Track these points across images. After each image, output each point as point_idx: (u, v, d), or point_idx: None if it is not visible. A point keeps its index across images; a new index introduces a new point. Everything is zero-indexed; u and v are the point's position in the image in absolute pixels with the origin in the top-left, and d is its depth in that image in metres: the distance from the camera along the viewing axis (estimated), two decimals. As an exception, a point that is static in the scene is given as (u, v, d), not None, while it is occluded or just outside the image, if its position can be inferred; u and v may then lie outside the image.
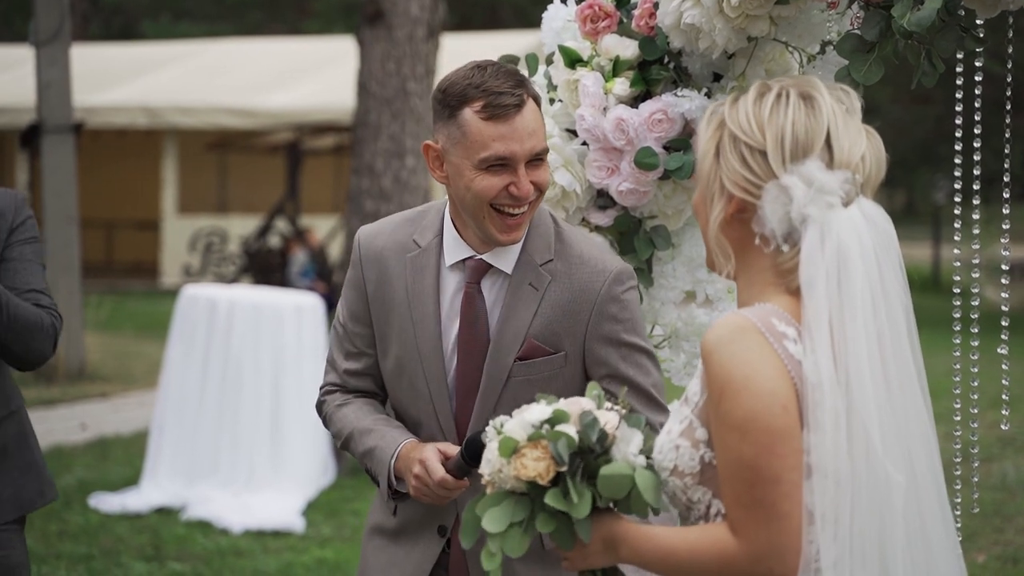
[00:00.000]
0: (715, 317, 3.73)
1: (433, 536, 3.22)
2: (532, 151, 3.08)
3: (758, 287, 2.46)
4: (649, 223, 3.67)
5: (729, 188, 2.44)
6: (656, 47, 3.54)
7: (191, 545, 7.81)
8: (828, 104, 2.42)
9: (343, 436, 3.27)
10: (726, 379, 2.34)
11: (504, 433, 2.49)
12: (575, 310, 3.14)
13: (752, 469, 2.32)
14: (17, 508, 3.73)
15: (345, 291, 3.31)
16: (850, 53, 3.30)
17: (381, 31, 9.93)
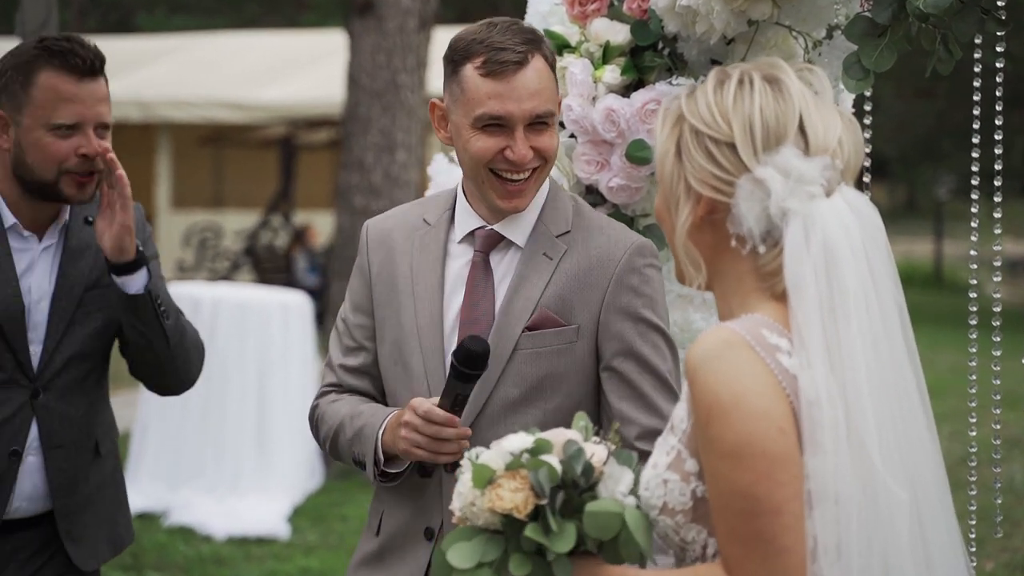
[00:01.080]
0: (712, 322, 3.51)
1: (420, 543, 2.97)
2: (532, 113, 2.90)
3: (739, 296, 2.22)
4: (642, 222, 3.47)
5: (696, 188, 2.20)
6: (649, 32, 3.35)
7: (171, 553, 7.65)
8: (796, 85, 2.20)
9: (332, 432, 3.04)
10: (713, 400, 2.08)
11: (479, 462, 2.23)
12: (592, 280, 2.94)
13: (748, 499, 2.07)
14: (113, 549, 3.57)
15: (349, 285, 3.14)
16: (860, 37, 3.10)
17: (371, 22, 9.72)
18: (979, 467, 3.54)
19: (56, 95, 3.30)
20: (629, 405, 2.91)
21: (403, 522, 3.00)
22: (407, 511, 2.99)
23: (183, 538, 7.90)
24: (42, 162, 3.31)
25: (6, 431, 3.36)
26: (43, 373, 3.39)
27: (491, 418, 2.91)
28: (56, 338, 3.39)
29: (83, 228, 3.46)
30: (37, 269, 3.40)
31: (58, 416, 3.41)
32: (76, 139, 3.33)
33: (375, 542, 3.05)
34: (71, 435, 3.44)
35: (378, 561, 3.03)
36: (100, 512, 3.52)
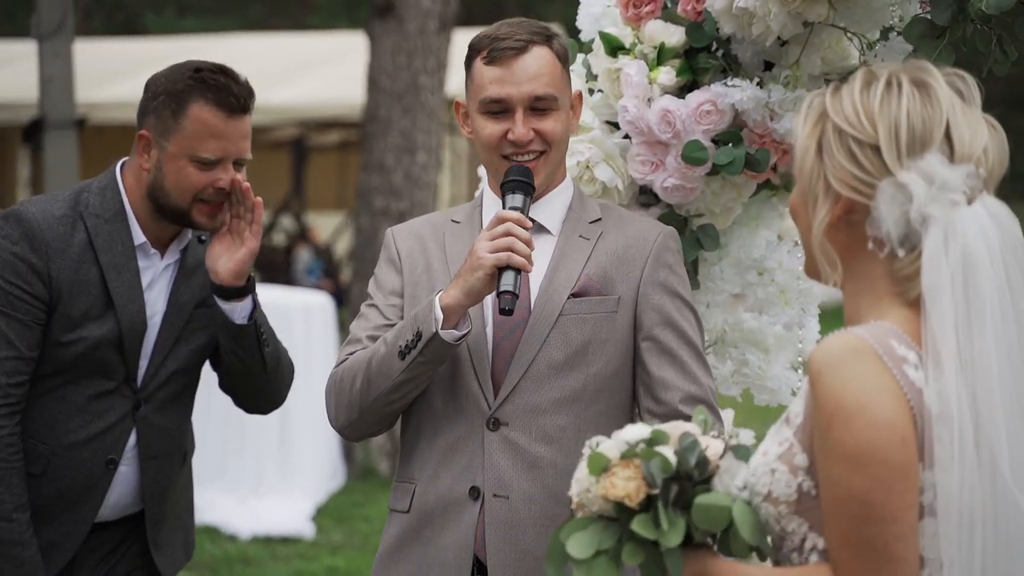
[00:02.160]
0: (765, 322, 3.52)
1: (466, 505, 3.00)
2: (530, 95, 3.03)
3: (870, 297, 2.21)
4: (696, 222, 3.46)
5: (836, 187, 2.18)
6: (704, 33, 3.33)
7: (198, 552, 7.59)
8: (945, 91, 2.17)
9: (364, 363, 3.01)
10: (836, 405, 2.08)
11: (596, 451, 2.26)
12: (631, 256, 3.07)
13: (864, 505, 2.07)
14: (186, 555, 3.62)
15: (376, 280, 3.18)
16: (918, 39, 3.10)
17: (392, 24, 9.70)
18: None
19: (206, 129, 3.33)
20: (672, 372, 3.01)
21: (442, 490, 3.01)
22: (446, 478, 3.01)
23: (209, 537, 7.90)
24: (180, 190, 3.34)
25: (106, 439, 3.40)
26: (147, 386, 3.43)
27: (536, 378, 2.99)
28: (163, 353, 3.42)
29: (197, 247, 3.51)
30: (156, 286, 3.44)
31: (156, 428, 3.46)
32: (216, 172, 3.35)
33: (406, 520, 3.05)
34: (165, 446, 3.49)
35: (416, 538, 3.03)
36: (179, 519, 3.58)
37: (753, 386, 3.52)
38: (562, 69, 3.09)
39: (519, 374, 2.99)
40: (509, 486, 2.98)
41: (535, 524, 2.94)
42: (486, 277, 2.90)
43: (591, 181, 3.38)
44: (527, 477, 2.97)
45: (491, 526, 2.97)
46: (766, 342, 3.51)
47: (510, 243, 2.90)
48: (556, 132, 3.06)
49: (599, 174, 3.37)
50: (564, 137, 3.10)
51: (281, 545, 7.86)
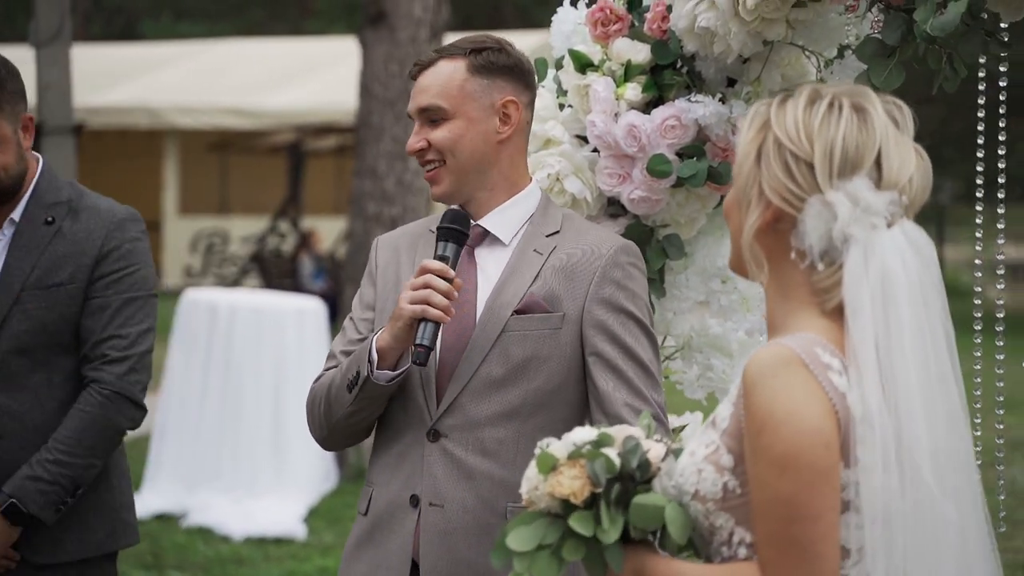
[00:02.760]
0: (729, 328, 3.65)
1: (407, 511, 3.13)
2: (417, 106, 3.19)
3: (791, 303, 2.34)
4: (661, 232, 3.58)
5: (768, 195, 2.31)
6: (669, 51, 3.45)
7: (191, 553, 7.76)
8: (881, 118, 2.30)
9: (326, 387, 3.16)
10: (767, 414, 2.22)
11: (546, 451, 2.40)
12: (579, 272, 3.13)
13: (790, 506, 2.20)
14: (80, 550, 3.61)
15: (359, 291, 3.31)
16: (870, 58, 3.21)
17: (383, 32, 9.85)
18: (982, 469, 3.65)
19: None
20: (615, 386, 3.09)
21: (391, 496, 3.14)
22: (395, 485, 3.13)
23: (202, 538, 8.02)
24: None
25: None
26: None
27: (474, 393, 3.09)
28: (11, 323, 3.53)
29: (39, 228, 3.59)
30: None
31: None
32: None
33: (364, 523, 3.18)
34: (14, 428, 3.54)
35: (368, 540, 3.17)
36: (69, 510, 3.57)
37: (718, 390, 3.63)
38: (468, 78, 3.15)
39: (458, 388, 3.09)
40: (444, 496, 3.09)
41: (468, 533, 3.04)
42: (406, 327, 3.02)
43: (561, 193, 3.49)
44: (462, 487, 3.07)
45: (426, 533, 3.09)
46: (730, 347, 3.63)
47: (426, 296, 2.99)
48: (446, 141, 3.13)
49: (568, 186, 3.49)
50: (466, 146, 3.15)
51: (274, 546, 7.97)
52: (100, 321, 3.55)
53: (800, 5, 3.25)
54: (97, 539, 3.64)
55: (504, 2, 31.88)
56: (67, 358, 3.59)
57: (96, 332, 3.55)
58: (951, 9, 3.02)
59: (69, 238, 3.57)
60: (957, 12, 3.00)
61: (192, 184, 24.25)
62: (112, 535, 3.67)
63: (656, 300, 3.60)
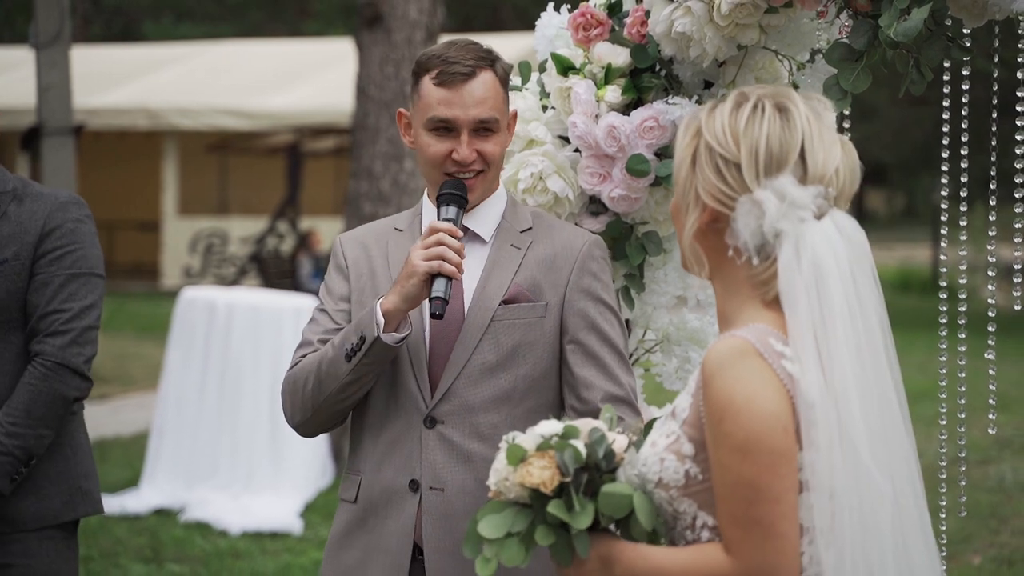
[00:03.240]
0: (706, 322, 3.77)
1: (406, 496, 3.24)
2: (476, 118, 3.25)
3: (737, 298, 2.47)
4: (640, 229, 3.69)
5: (704, 198, 2.44)
6: (647, 55, 3.56)
7: (189, 547, 7.85)
8: (803, 116, 2.42)
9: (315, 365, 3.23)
10: (727, 402, 2.34)
11: (514, 443, 2.52)
12: (558, 264, 3.29)
13: (752, 488, 2.32)
14: (37, 519, 3.70)
15: (325, 285, 3.41)
16: (838, 62, 3.33)
17: (380, 34, 9.93)
18: (969, 467, 3.73)
19: None
20: (593, 373, 3.24)
21: (384, 482, 3.25)
22: (387, 471, 3.24)
23: (200, 533, 8.10)
24: None
25: None
26: None
27: (469, 379, 3.22)
28: None
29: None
30: None
31: None
32: None
33: (353, 511, 3.28)
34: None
35: (360, 526, 3.26)
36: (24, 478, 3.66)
37: None
38: (503, 91, 3.31)
39: (453, 375, 3.22)
40: (444, 480, 3.21)
41: (468, 514, 3.14)
42: (420, 283, 3.13)
43: (544, 191, 3.61)
44: (461, 471, 3.21)
45: (428, 516, 3.21)
46: (707, 340, 3.75)
47: (441, 252, 3.12)
48: (496, 153, 3.29)
49: (551, 185, 3.60)
50: (502, 156, 3.34)
51: (270, 540, 8.06)
52: (43, 296, 3.65)
53: (772, 11, 3.36)
54: (54, 508, 3.71)
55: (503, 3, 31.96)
56: (17, 334, 3.69)
57: (40, 307, 3.65)
58: (914, 15, 3.13)
59: (14, 220, 3.69)
60: (920, 18, 3.12)
61: (191, 185, 24.32)
62: (69, 503, 3.74)
63: (636, 295, 3.72)
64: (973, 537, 8.18)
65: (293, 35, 30.62)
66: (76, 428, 3.80)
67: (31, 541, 3.69)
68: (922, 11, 3.12)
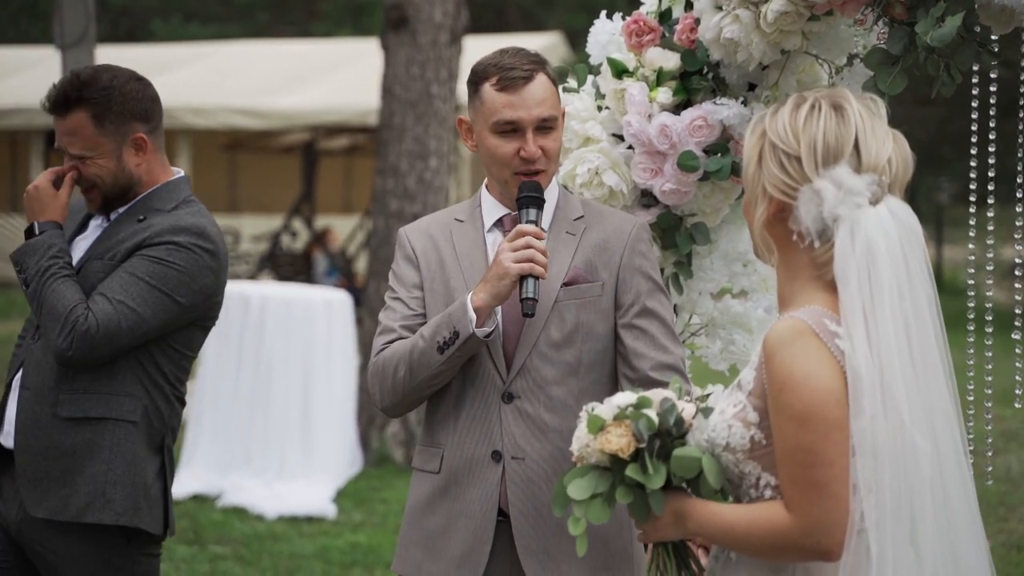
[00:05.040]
0: (749, 307, 4.00)
1: (488, 465, 3.47)
2: (539, 117, 3.46)
3: (800, 281, 2.72)
4: (689, 220, 3.88)
5: (769, 191, 2.70)
6: (697, 59, 3.76)
7: (229, 530, 8.02)
8: (856, 113, 2.67)
9: (406, 353, 3.43)
10: (787, 376, 2.60)
11: (593, 414, 2.78)
12: (610, 246, 3.52)
13: (809, 453, 2.58)
14: (47, 511, 3.74)
15: (396, 276, 3.61)
16: (876, 65, 3.54)
17: (405, 36, 10.10)
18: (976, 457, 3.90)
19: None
20: (643, 344, 3.50)
21: (466, 454, 3.49)
22: (468, 444, 3.49)
23: (238, 517, 8.28)
24: None
25: (13, 363, 3.90)
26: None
27: (540, 355, 3.48)
28: None
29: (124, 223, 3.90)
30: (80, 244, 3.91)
31: (34, 361, 3.82)
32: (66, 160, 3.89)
33: (436, 480, 3.53)
34: (38, 382, 3.79)
35: (444, 494, 3.51)
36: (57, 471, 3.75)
37: (739, 362, 3.98)
38: (556, 91, 3.54)
39: (526, 353, 3.46)
40: (524, 450, 3.46)
41: (548, 480, 3.43)
42: (511, 284, 3.37)
43: (600, 185, 3.81)
44: (538, 441, 3.46)
45: (513, 484, 3.46)
46: (750, 324, 3.98)
47: (531, 255, 3.36)
48: (556, 148, 3.53)
49: (607, 180, 3.81)
50: (559, 151, 3.58)
51: (306, 524, 8.22)
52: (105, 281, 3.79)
53: (814, 18, 3.58)
54: (76, 505, 3.74)
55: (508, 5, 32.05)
56: None
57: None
58: (948, 23, 3.37)
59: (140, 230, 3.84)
60: (953, 25, 3.36)
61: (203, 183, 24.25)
62: (91, 505, 3.75)
63: (684, 281, 3.94)
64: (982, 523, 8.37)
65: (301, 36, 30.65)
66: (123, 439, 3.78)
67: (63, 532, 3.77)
68: (955, 19, 3.36)
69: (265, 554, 7.56)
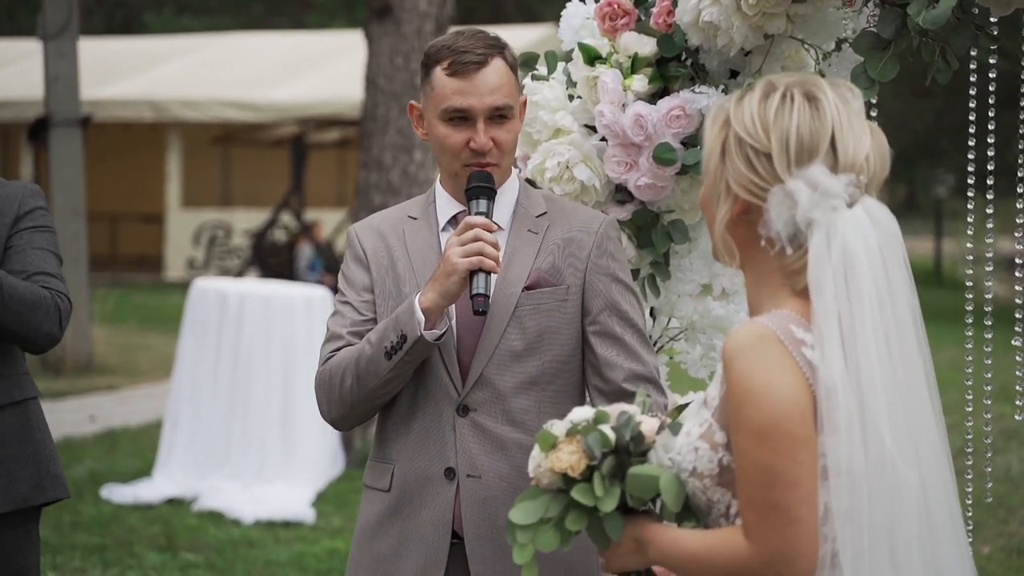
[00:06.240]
0: (731, 310, 3.79)
1: (442, 484, 3.26)
2: (491, 106, 3.24)
3: (768, 288, 2.47)
4: (666, 217, 3.71)
5: (735, 189, 2.44)
6: (674, 44, 3.58)
7: (203, 535, 7.88)
8: (832, 104, 2.41)
9: (353, 361, 3.23)
10: (746, 387, 2.35)
11: (546, 431, 2.55)
12: (576, 246, 3.30)
13: (769, 472, 2.33)
14: (6, 501, 3.69)
15: (345, 276, 3.40)
16: (866, 50, 3.35)
17: (389, 26, 9.94)
18: (976, 457, 3.68)
19: None
20: (615, 353, 3.27)
21: (419, 471, 3.26)
22: (421, 460, 3.26)
23: (213, 522, 8.14)
24: None
25: None
26: None
27: (499, 364, 3.25)
28: None
29: None
30: None
31: None
32: None
33: (386, 499, 3.29)
34: None
35: (395, 514, 3.29)
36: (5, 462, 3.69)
37: None
38: (514, 78, 3.31)
39: (483, 362, 3.24)
40: (480, 467, 3.24)
41: (506, 499, 3.16)
42: (460, 281, 3.14)
43: (571, 180, 3.63)
44: (496, 457, 3.23)
45: (467, 503, 3.23)
46: (732, 328, 3.78)
47: (480, 248, 3.13)
48: (510, 140, 3.30)
49: (578, 174, 3.62)
50: (515, 143, 3.35)
51: (283, 529, 8.09)
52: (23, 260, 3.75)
53: (800, 0, 3.39)
54: (23, 491, 3.71)
55: (504, -4, 31.95)
56: None
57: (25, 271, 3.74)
58: (942, 3, 3.16)
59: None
60: (948, 6, 3.15)
61: (195, 177, 24.34)
62: (39, 487, 3.74)
63: (661, 283, 3.74)
64: (982, 527, 8.21)
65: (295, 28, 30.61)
66: (40, 413, 3.82)
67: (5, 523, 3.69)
68: (950, 0, 3.15)
69: (239, 561, 7.42)
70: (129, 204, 25.47)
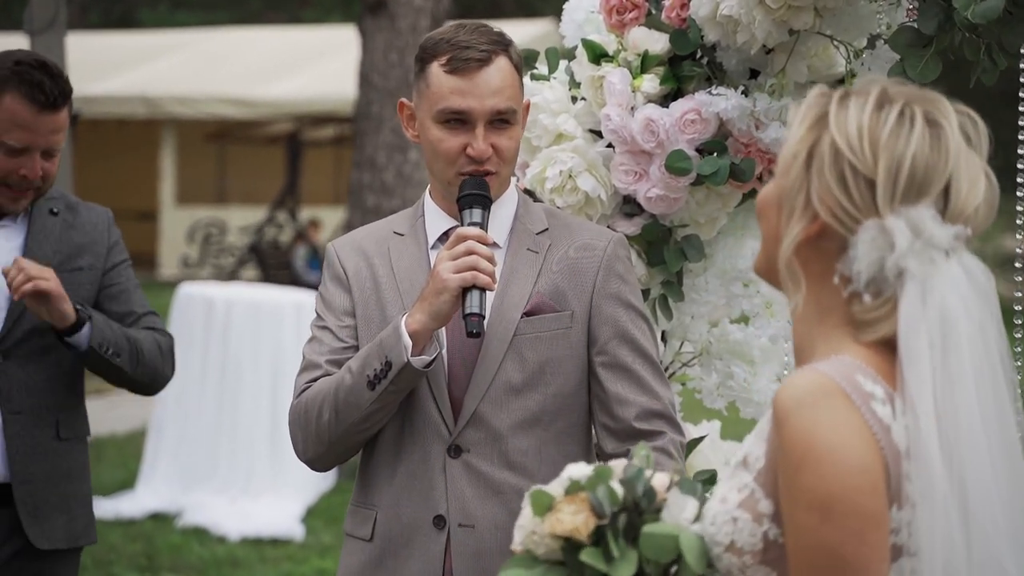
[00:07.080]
0: (750, 334, 3.50)
1: (431, 534, 2.95)
2: (493, 109, 2.96)
3: (824, 328, 2.10)
4: (680, 232, 3.44)
5: (817, 207, 2.05)
6: (688, 41, 3.32)
7: (186, 554, 7.67)
8: (956, 137, 2.04)
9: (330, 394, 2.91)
10: (806, 449, 1.97)
11: (538, 490, 2.19)
12: (581, 267, 3.01)
13: (834, 557, 1.96)
14: (68, 539, 3.71)
15: (323, 298, 3.08)
16: (905, 48, 3.07)
17: (384, 21, 9.74)
18: None
19: (14, 120, 3.59)
20: (626, 387, 2.97)
21: (405, 519, 2.96)
22: (407, 506, 2.96)
23: (197, 539, 7.92)
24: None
25: None
26: (5, 339, 3.65)
27: (495, 401, 2.94)
28: (20, 308, 3.63)
29: (47, 217, 3.75)
30: (5, 248, 3.70)
31: (18, 382, 3.65)
32: (22, 160, 3.60)
33: (368, 550, 3.00)
34: (29, 403, 3.66)
35: (377, 568, 2.98)
36: (58, 497, 3.69)
37: (739, 399, 3.51)
38: (519, 79, 3.03)
39: (477, 398, 2.93)
40: (474, 515, 2.94)
41: (503, 552, 2.83)
42: (452, 299, 2.84)
43: (574, 191, 3.36)
44: (492, 504, 2.93)
45: (459, 556, 2.93)
46: (751, 354, 3.50)
47: (473, 262, 2.84)
48: (512, 148, 3.00)
49: (582, 184, 3.36)
50: (517, 151, 3.06)
51: (270, 547, 7.88)
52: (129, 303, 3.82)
53: (829, -8, 3.10)
54: (77, 530, 3.74)
55: (504, -9, 31.79)
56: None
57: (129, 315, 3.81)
58: (994, -5, 2.86)
59: (79, 229, 3.78)
60: (1001, -1, 2.85)
61: (189, 174, 24.28)
62: (88, 528, 3.78)
63: (674, 304, 3.46)
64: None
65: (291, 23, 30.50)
66: (87, 455, 3.83)
67: (57, 560, 3.71)
68: (1003, -9, 2.85)
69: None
70: (122, 201, 25.15)
